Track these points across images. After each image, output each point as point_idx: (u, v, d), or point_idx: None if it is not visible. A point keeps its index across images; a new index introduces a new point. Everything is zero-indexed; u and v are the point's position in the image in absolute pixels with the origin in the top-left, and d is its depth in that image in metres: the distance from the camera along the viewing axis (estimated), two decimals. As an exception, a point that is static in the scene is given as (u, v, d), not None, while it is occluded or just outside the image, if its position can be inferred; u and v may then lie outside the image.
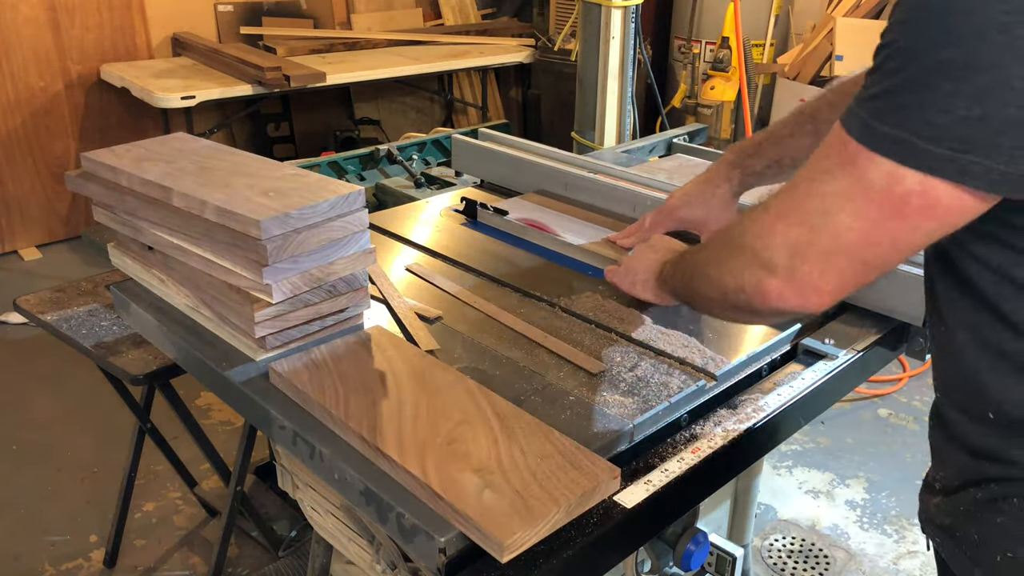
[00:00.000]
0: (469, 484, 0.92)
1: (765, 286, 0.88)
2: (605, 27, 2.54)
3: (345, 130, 5.00)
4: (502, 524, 0.87)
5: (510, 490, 0.92)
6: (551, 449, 0.98)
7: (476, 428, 1.02)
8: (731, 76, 4.15)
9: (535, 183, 1.87)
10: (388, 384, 1.12)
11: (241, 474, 2.08)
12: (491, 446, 0.99)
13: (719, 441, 1.12)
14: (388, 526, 0.97)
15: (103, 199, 1.37)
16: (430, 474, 0.93)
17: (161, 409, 2.22)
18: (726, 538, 1.48)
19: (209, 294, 1.26)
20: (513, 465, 0.95)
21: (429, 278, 1.49)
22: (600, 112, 2.67)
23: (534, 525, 0.88)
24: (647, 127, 4.31)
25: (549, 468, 0.95)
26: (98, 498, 2.65)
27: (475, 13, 5.63)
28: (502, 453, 0.97)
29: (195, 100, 3.96)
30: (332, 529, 1.39)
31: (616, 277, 1.40)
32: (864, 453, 2.95)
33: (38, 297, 2.11)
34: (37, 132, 4.40)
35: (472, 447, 0.98)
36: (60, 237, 4.59)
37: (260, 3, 4.97)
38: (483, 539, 0.88)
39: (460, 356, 1.25)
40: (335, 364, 1.16)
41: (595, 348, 1.26)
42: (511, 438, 1.00)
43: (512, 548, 0.86)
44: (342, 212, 1.19)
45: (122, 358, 1.89)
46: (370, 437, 1.00)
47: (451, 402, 1.07)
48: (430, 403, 1.07)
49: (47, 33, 4.31)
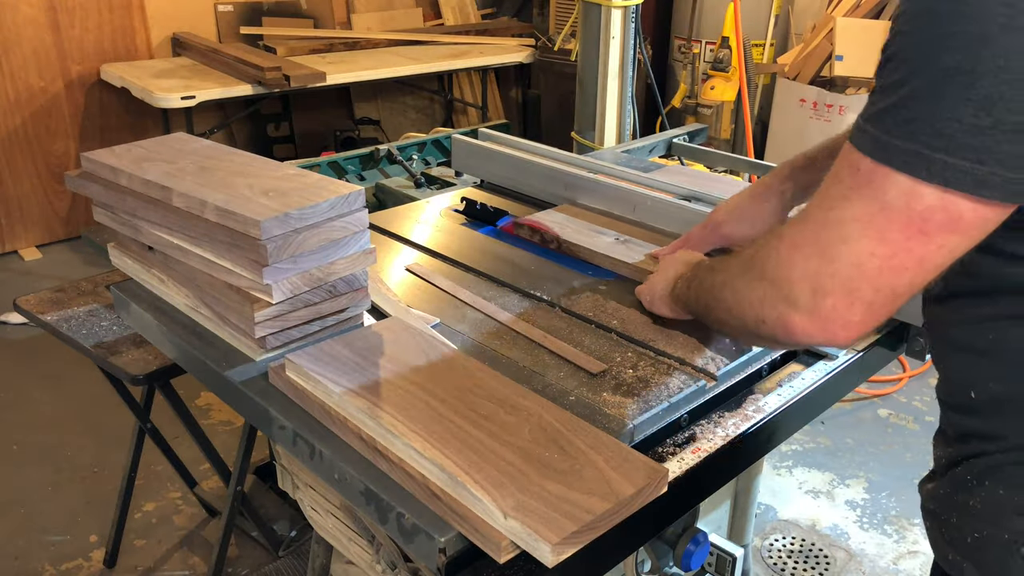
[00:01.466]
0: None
1: (788, 321, 0.85)
2: (605, 27, 2.54)
3: (345, 130, 5.00)
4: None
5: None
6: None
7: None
8: (731, 76, 4.15)
9: (535, 183, 1.87)
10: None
11: (241, 474, 2.08)
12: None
13: (719, 441, 1.12)
14: (388, 526, 0.97)
15: (103, 199, 1.37)
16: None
17: (161, 409, 2.22)
18: (726, 538, 1.48)
19: (209, 294, 1.26)
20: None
21: (429, 278, 1.49)
22: (600, 112, 2.67)
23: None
24: (647, 127, 4.31)
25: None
26: (98, 498, 2.65)
27: (475, 13, 5.63)
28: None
29: (195, 100, 3.96)
30: (332, 529, 1.39)
31: (640, 293, 1.36)
32: (864, 453, 2.95)
33: (38, 297, 2.11)
34: (37, 132, 4.40)
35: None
36: (60, 237, 4.59)
37: (260, 3, 4.97)
38: (482, 540, 0.88)
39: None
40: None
41: (595, 348, 1.26)
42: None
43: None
44: (342, 212, 1.19)
45: (122, 358, 1.89)
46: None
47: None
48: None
49: (47, 33, 4.31)
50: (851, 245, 0.78)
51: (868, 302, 0.79)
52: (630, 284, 1.47)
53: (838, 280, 0.79)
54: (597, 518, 0.88)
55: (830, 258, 0.79)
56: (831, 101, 4.12)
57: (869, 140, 0.76)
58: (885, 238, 0.76)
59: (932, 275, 0.78)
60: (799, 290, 0.82)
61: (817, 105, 4.19)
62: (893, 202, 0.74)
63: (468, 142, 2.02)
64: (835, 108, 4.12)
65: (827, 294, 0.80)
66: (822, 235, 0.80)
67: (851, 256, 0.78)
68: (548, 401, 1.07)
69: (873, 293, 0.79)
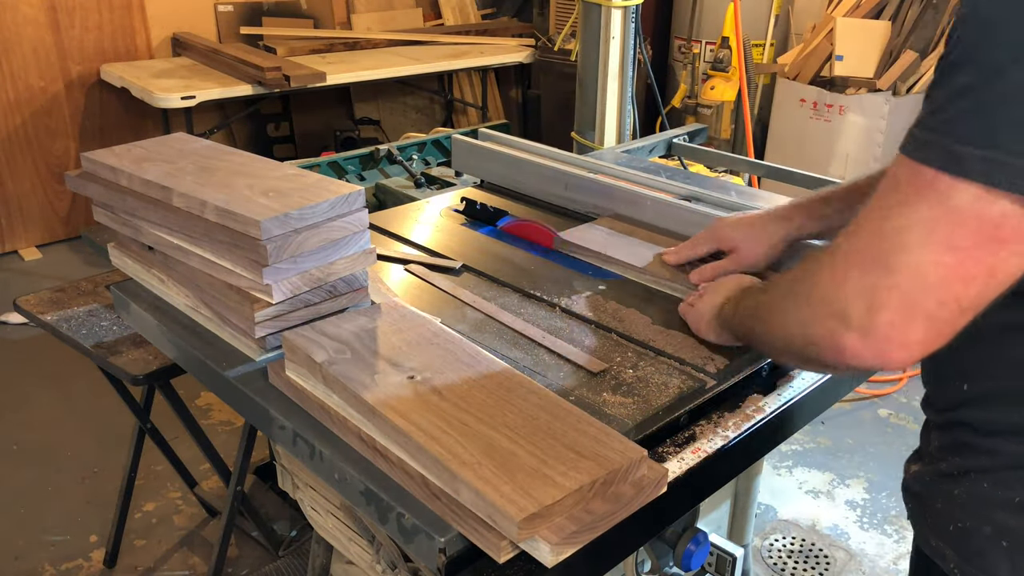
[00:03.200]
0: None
1: (839, 340, 0.78)
2: (605, 27, 2.54)
3: (345, 130, 5.00)
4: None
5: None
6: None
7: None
8: (731, 76, 4.15)
9: (535, 183, 1.87)
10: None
11: (241, 474, 2.08)
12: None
13: (719, 441, 1.12)
14: (388, 526, 0.97)
15: (103, 199, 1.37)
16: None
17: (161, 409, 2.22)
18: (726, 538, 1.48)
19: (209, 294, 1.26)
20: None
21: (429, 278, 1.49)
22: (600, 112, 2.67)
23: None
24: (647, 127, 4.31)
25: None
26: (98, 498, 2.65)
27: (475, 13, 5.64)
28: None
29: (195, 100, 3.96)
30: (332, 529, 1.39)
31: (685, 314, 1.32)
32: (864, 453, 2.95)
33: (38, 297, 2.11)
34: (37, 132, 4.40)
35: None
36: (60, 237, 4.59)
37: (260, 3, 4.97)
38: (482, 540, 0.88)
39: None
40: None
41: (595, 348, 1.26)
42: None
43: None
44: (342, 212, 1.19)
45: (122, 358, 1.89)
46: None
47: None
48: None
49: (47, 33, 4.31)
50: (912, 254, 0.71)
51: (930, 318, 0.73)
52: (630, 284, 1.47)
53: (897, 293, 0.72)
54: (597, 518, 0.88)
55: (888, 269, 0.73)
56: (831, 101, 4.13)
57: (937, 150, 0.71)
58: (952, 245, 0.70)
59: (1001, 288, 0.72)
60: (853, 307, 0.76)
61: (817, 105, 4.19)
62: (963, 207, 0.69)
63: (468, 142, 2.02)
64: (835, 108, 4.12)
65: (884, 309, 0.74)
66: (879, 246, 0.74)
67: (913, 266, 0.71)
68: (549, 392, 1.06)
69: (936, 307, 0.72)
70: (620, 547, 1.08)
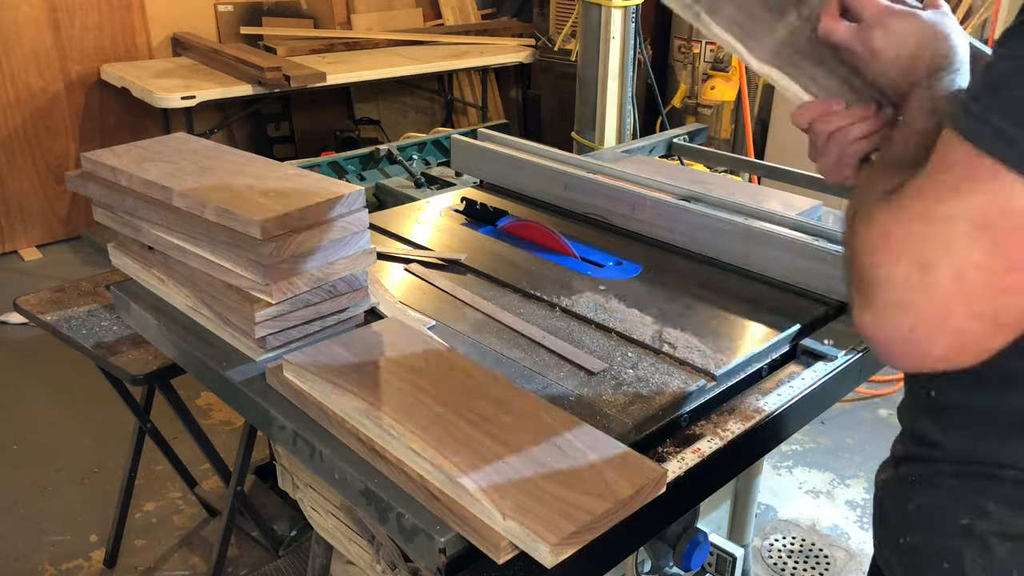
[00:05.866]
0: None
1: (858, 315, 0.69)
2: (605, 27, 2.54)
3: (345, 130, 5.00)
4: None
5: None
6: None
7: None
8: (731, 76, 4.16)
9: (535, 183, 1.87)
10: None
11: (241, 474, 2.08)
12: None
13: (719, 441, 1.12)
14: (388, 526, 0.97)
15: (103, 199, 1.37)
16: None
17: (161, 409, 2.22)
18: (726, 538, 1.48)
19: (209, 294, 1.26)
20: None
21: (428, 278, 1.49)
22: (600, 112, 2.67)
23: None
24: (647, 127, 4.31)
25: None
26: (98, 498, 2.65)
27: (475, 13, 5.63)
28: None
29: (195, 100, 3.96)
30: (332, 529, 1.39)
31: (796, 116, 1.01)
32: (864, 453, 2.95)
33: (38, 297, 2.11)
34: (37, 132, 4.40)
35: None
36: (60, 237, 4.59)
37: (260, 3, 4.97)
38: (482, 541, 0.88)
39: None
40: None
41: (595, 348, 1.26)
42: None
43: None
44: (342, 212, 1.19)
45: (122, 358, 1.89)
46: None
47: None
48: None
49: (47, 33, 4.31)
50: (954, 250, 0.61)
51: (959, 331, 0.63)
52: (631, 284, 1.47)
53: (927, 296, 0.62)
54: (596, 518, 0.88)
55: (925, 264, 0.62)
56: (831, 101, 4.11)
57: (992, 134, 0.60)
58: (1001, 248, 0.60)
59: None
60: (875, 293, 0.66)
61: (817, 105, 4.18)
62: (1022, 207, 0.59)
63: (468, 142, 2.02)
64: (835, 108, 4.11)
65: (906, 311, 0.64)
66: (921, 231, 0.63)
67: (952, 263, 0.61)
68: (547, 401, 1.07)
69: (970, 319, 0.62)
70: (620, 547, 1.08)
